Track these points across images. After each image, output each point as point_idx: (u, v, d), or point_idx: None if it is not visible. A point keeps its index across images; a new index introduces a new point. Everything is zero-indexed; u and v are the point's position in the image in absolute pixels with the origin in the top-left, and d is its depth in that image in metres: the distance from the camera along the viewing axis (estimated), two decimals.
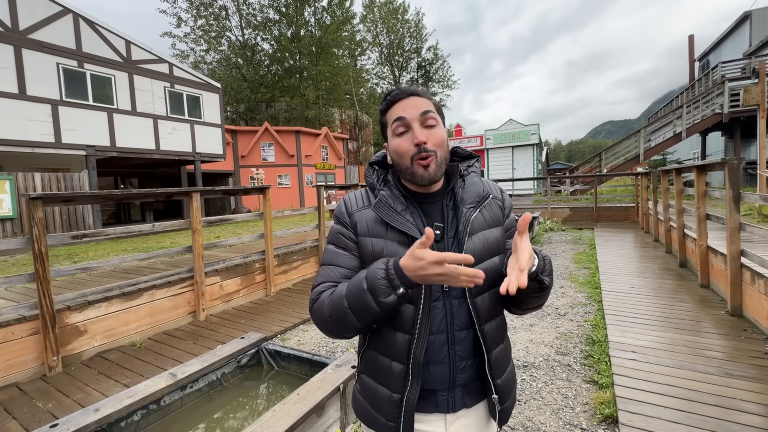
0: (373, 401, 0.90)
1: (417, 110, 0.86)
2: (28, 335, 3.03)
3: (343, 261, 0.91)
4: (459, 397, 0.87)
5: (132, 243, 8.33)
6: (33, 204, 2.98)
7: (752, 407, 2.10)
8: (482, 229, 0.89)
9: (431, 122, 0.86)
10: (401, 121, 0.86)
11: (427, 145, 0.84)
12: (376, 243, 0.88)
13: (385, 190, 0.92)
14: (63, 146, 10.10)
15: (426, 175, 0.85)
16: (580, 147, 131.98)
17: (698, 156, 18.57)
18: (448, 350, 0.85)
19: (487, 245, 0.88)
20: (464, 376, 0.87)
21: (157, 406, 1.67)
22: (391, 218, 0.86)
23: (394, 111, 0.88)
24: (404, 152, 0.86)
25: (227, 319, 4.25)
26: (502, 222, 0.94)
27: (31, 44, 9.45)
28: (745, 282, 3.38)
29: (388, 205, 0.88)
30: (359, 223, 0.91)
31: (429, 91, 0.76)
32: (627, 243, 7.40)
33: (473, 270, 0.69)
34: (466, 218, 0.87)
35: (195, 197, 4.21)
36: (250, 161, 19.43)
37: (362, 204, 0.93)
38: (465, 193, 0.91)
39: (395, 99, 0.88)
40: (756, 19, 17.73)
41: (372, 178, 0.96)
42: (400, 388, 0.85)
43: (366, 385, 0.93)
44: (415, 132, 0.84)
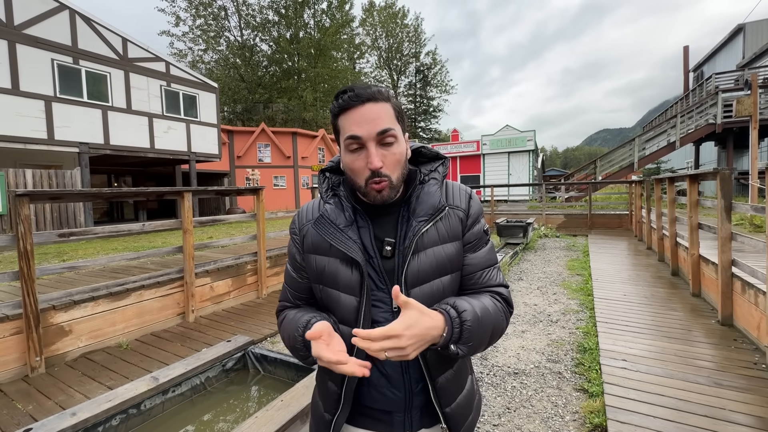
0: (314, 415, 0.90)
1: (374, 128, 0.74)
2: (10, 335, 2.96)
3: (293, 284, 0.90)
4: (417, 418, 0.83)
5: (123, 242, 8.24)
6: (19, 201, 2.92)
7: (741, 418, 2.09)
8: (433, 245, 0.80)
9: (389, 140, 0.76)
10: (355, 140, 0.75)
11: (383, 170, 0.75)
12: (319, 261, 0.83)
13: (330, 202, 0.84)
14: (56, 143, 10.00)
15: (379, 197, 0.77)
16: (576, 154, 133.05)
17: (691, 165, 18.77)
18: (402, 374, 0.80)
19: (437, 263, 0.80)
20: (420, 398, 0.82)
21: (137, 411, 1.63)
22: (330, 236, 0.80)
23: (348, 122, 0.76)
24: (358, 172, 0.77)
25: (217, 321, 4.19)
26: (461, 235, 0.84)
27: (25, 39, 9.36)
28: (736, 292, 3.39)
29: (329, 221, 0.81)
30: (306, 237, 0.86)
31: (427, 95, 0.67)
32: (620, 251, 7.43)
33: (352, 367, 0.65)
34: (414, 232, 0.78)
35: (187, 197, 4.16)
36: (246, 162, 19.36)
37: (312, 216, 0.86)
38: (419, 204, 0.82)
39: (348, 106, 0.76)
40: (749, 32, 18.02)
41: (321, 187, 0.87)
42: (332, 410, 0.83)
43: (313, 397, 0.94)
44: (370, 155, 0.74)
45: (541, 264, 6.86)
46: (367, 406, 0.83)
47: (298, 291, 0.90)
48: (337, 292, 0.81)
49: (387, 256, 0.80)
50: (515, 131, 22.27)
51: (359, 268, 0.78)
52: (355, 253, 0.77)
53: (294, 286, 0.90)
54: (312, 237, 0.85)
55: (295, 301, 0.91)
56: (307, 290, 0.89)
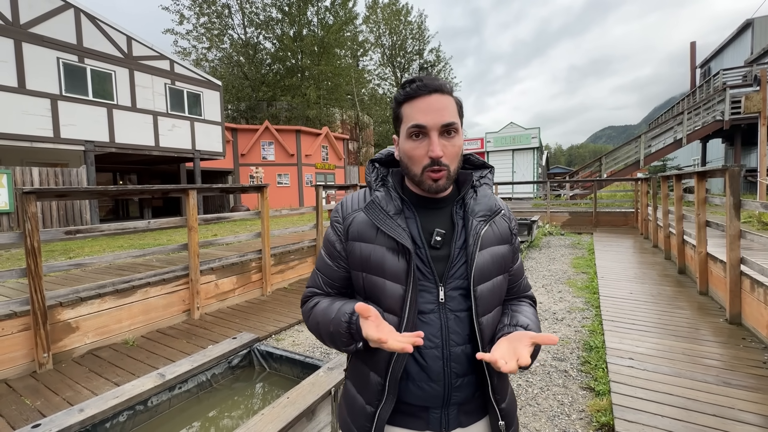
0: (350, 408, 0.89)
1: (439, 119, 0.76)
2: (18, 331, 2.99)
3: (328, 271, 0.91)
4: (453, 416, 0.82)
5: (129, 240, 8.29)
6: (26, 198, 2.94)
7: (750, 417, 2.07)
8: (491, 245, 0.84)
9: (452, 132, 0.79)
10: (419, 128, 0.77)
11: (443, 160, 0.77)
12: (365, 248, 0.83)
13: (380, 190, 0.86)
14: (62, 141, 10.06)
15: (434, 187, 0.80)
16: (581, 151, 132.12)
17: (698, 163, 18.58)
18: (443, 366, 0.79)
19: (495, 262, 0.84)
20: (460, 394, 0.81)
21: (144, 407, 1.64)
22: (380, 222, 0.81)
23: (413, 110, 0.78)
24: (417, 160, 0.79)
25: (222, 318, 4.21)
26: (510, 240, 0.90)
27: (31, 38, 9.41)
28: (745, 290, 3.35)
29: (379, 207, 0.83)
30: (352, 225, 0.87)
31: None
32: (626, 248, 7.38)
33: (402, 346, 0.65)
34: (477, 231, 0.82)
35: (192, 194, 4.18)
36: (250, 160, 19.40)
37: (358, 205, 0.88)
38: (476, 204, 0.86)
39: (415, 94, 0.78)
40: (758, 27, 17.76)
41: (371, 176, 0.90)
42: (375, 401, 0.82)
43: (348, 391, 0.92)
44: (432, 143, 0.77)
45: (545, 262, 6.82)
46: (405, 402, 0.82)
47: (332, 279, 0.91)
48: (383, 280, 0.81)
49: (435, 247, 0.82)
50: (519, 129, 22.14)
51: (407, 256, 0.78)
52: (405, 240, 0.78)
53: (328, 273, 0.91)
54: (358, 225, 0.86)
55: (326, 289, 0.91)
56: (341, 279, 0.90)
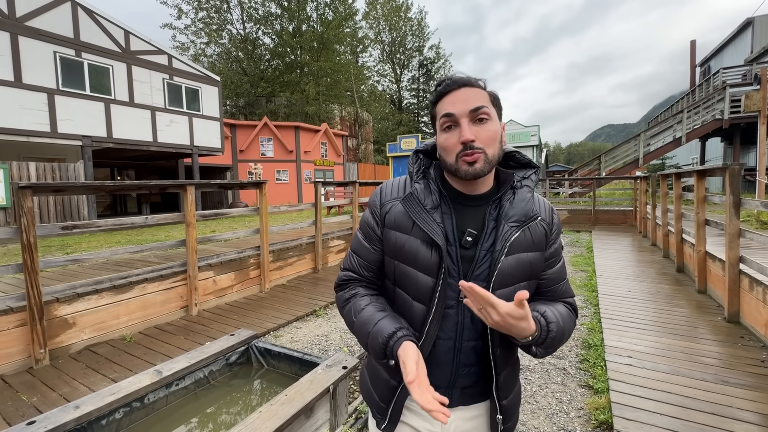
0: (373, 378, 0.95)
1: (467, 105, 0.78)
2: (14, 327, 2.97)
3: (364, 253, 0.92)
4: (457, 395, 0.88)
5: (126, 235, 8.25)
6: (22, 193, 2.91)
7: (748, 416, 2.07)
8: (521, 251, 0.83)
9: (483, 116, 0.79)
10: (449, 118, 0.79)
11: (475, 143, 0.77)
12: (399, 238, 0.85)
13: (420, 183, 0.86)
14: (59, 136, 9.99)
15: (470, 170, 0.78)
16: (580, 150, 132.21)
17: (697, 161, 18.60)
18: (453, 357, 0.85)
19: (521, 269, 0.83)
20: (465, 380, 0.87)
21: (141, 404, 1.62)
22: (416, 215, 0.82)
23: (443, 104, 0.81)
24: (450, 149, 0.80)
25: (220, 314, 4.19)
26: (544, 248, 0.87)
27: (28, 31, 9.32)
28: (743, 289, 3.35)
29: (417, 200, 0.83)
30: (389, 213, 0.88)
31: (430, 89, 0.67)
32: (624, 247, 7.39)
33: (433, 404, 0.67)
34: (506, 237, 0.80)
35: (190, 190, 4.15)
36: (249, 156, 19.33)
37: (397, 194, 0.89)
38: (512, 207, 0.84)
39: (445, 91, 0.81)
40: (758, 26, 17.74)
41: (413, 167, 0.89)
42: (398, 377, 0.86)
43: (372, 362, 0.97)
44: (462, 129, 0.78)
45: None
46: None
47: (367, 261, 0.92)
48: (415, 271, 0.83)
49: (466, 247, 0.83)
50: (519, 126, 22.13)
51: (439, 252, 0.80)
52: (438, 237, 0.79)
53: (363, 254, 0.92)
54: (396, 213, 0.87)
55: (362, 271, 0.93)
56: (376, 262, 0.91)
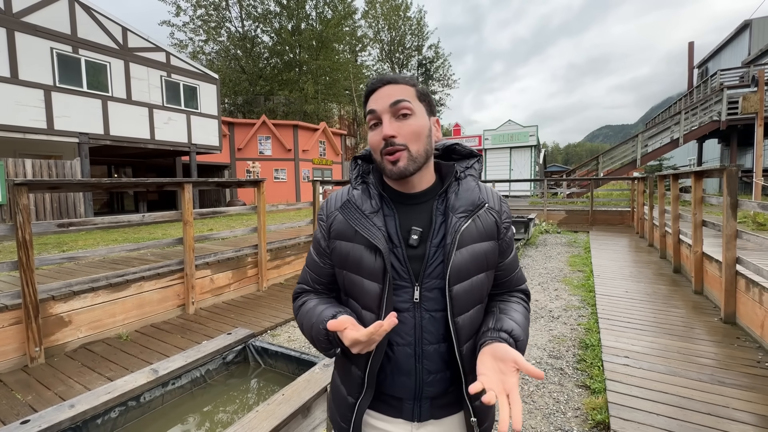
0: (335, 398, 0.92)
1: (387, 100, 0.78)
2: (9, 325, 2.95)
3: (316, 268, 0.91)
4: (426, 408, 0.83)
5: (123, 233, 8.22)
6: (18, 190, 2.89)
7: (744, 416, 2.08)
8: (473, 242, 0.81)
9: (404, 112, 0.78)
10: (372, 114, 0.79)
11: (396, 139, 0.77)
12: (344, 247, 0.83)
13: (358, 188, 0.86)
14: (55, 133, 9.92)
15: (394, 169, 0.78)
16: (578, 150, 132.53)
17: (694, 162, 18.68)
18: (414, 363, 0.80)
19: (476, 260, 0.81)
20: (432, 389, 0.82)
21: (137, 403, 1.61)
22: (355, 221, 0.81)
23: (369, 102, 0.81)
24: (375, 146, 0.80)
25: (217, 313, 4.18)
26: (497, 237, 0.86)
27: (24, 27, 9.25)
28: (740, 289, 3.37)
29: (355, 206, 0.83)
30: (333, 224, 0.86)
31: (428, 87, 0.66)
32: (622, 247, 7.41)
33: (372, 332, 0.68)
34: (455, 228, 0.79)
35: (187, 188, 4.13)
36: (247, 154, 19.27)
37: (339, 204, 0.87)
38: (458, 199, 0.83)
39: (371, 89, 0.81)
40: (756, 28, 17.81)
41: (352, 174, 0.90)
42: (356, 393, 0.84)
43: (334, 381, 0.94)
44: (384, 125, 0.77)
45: (542, 260, 6.84)
46: (382, 392, 0.84)
47: (319, 275, 0.91)
48: (361, 278, 0.81)
49: (413, 245, 0.80)
50: (517, 126, 22.14)
51: (382, 256, 0.78)
52: (378, 241, 0.78)
53: (315, 270, 0.91)
54: (338, 223, 0.85)
55: (314, 285, 0.92)
56: (327, 276, 0.90)
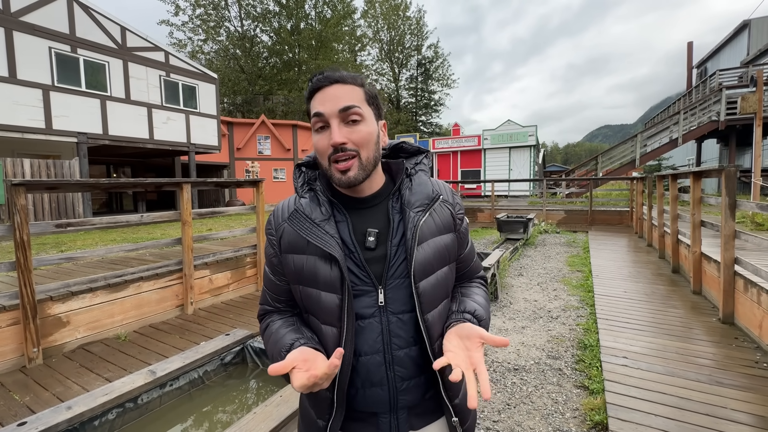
0: (304, 422, 0.86)
1: (336, 104, 0.73)
2: (7, 325, 2.94)
3: (272, 286, 0.87)
4: (404, 419, 0.79)
5: (122, 233, 8.20)
6: (16, 190, 2.88)
7: (742, 417, 2.08)
8: (433, 236, 0.79)
9: (354, 117, 0.74)
10: (319, 117, 0.74)
11: (348, 145, 0.73)
12: (297, 260, 0.79)
13: (305, 197, 0.81)
14: (54, 132, 9.91)
15: (344, 179, 0.74)
16: (577, 150, 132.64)
17: (693, 162, 18.71)
18: (385, 371, 0.76)
19: (438, 254, 0.79)
20: (408, 397, 0.78)
21: (134, 405, 1.61)
22: (305, 231, 0.76)
23: (314, 102, 0.76)
24: (322, 151, 0.76)
25: (216, 313, 4.17)
26: (454, 229, 0.85)
27: (22, 27, 9.23)
28: (738, 290, 3.37)
29: (304, 215, 0.78)
30: (283, 237, 0.81)
31: (428, 89, 0.63)
32: (621, 247, 7.42)
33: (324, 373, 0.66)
34: (414, 223, 0.76)
35: (186, 188, 4.12)
36: (246, 154, 19.26)
37: (287, 214, 0.82)
38: (412, 194, 0.80)
39: (316, 87, 0.76)
40: (755, 28, 17.84)
41: (297, 182, 0.84)
42: (326, 415, 0.79)
43: (302, 404, 0.88)
44: (333, 131, 0.73)
45: (541, 260, 6.84)
46: (354, 409, 0.80)
47: (277, 294, 0.87)
48: (318, 291, 0.77)
49: (370, 248, 0.77)
50: (517, 126, 22.15)
51: (338, 264, 0.74)
52: (332, 249, 0.74)
53: (273, 288, 0.87)
54: (288, 235, 0.80)
55: (275, 304, 0.88)
56: (285, 293, 0.86)
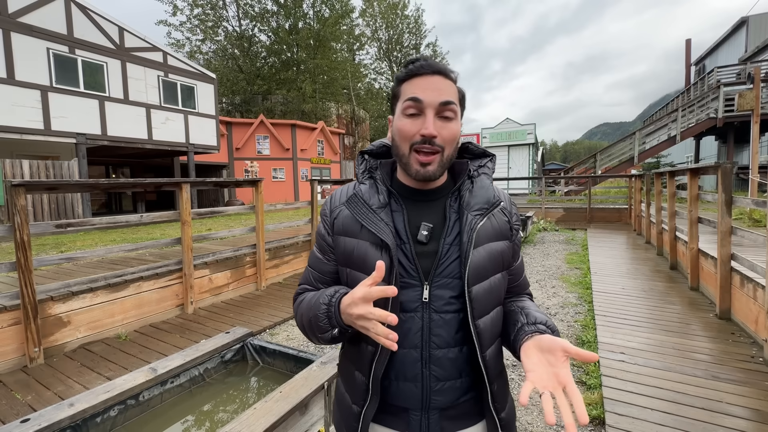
0: (340, 407, 0.87)
1: (438, 97, 0.73)
2: (8, 325, 2.95)
3: (319, 265, 0.87)
4: (435, 420, 0.77)
5: (122, 234, 8.22)
6: (15, 191, 2.90)
7: (738, 410, 2.10)
8: (488, 241, 0.78)
9: (449, 114, 0.74)
10: (415, 103, 0.73)
11: (436, 140, 0.73)
12: (348, 243, 0.79)
13: (365, 183, 0.83)
14: (52, 133, 9.91)
15: (422, 172, 0.74)
16: (576, 148, 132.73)
17: (692, 160, 18.74)
18: (420, 368, 0.75)
19: (493, 260, 0.78)
20: (441, 398, 0.77)
21: (136, 402, 1.63)
22: (361, 215, 0.77)
23: (412, 87, 0.74)
24: (407, 136, 0.74)
25: (216, 312, 4.19)
26: (510, 236, 0.84)
27: (20, 28, 9.22)
28: (735, 285, 3.40)
29: (362, 200, 0.79)
30: (337, 220, 0.83)
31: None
32: (619, 244, 7.44)
33: (385, 314, 0.62)
34: (471, 226, 0.76)
35: (185, 188, 4.13)
36: (245, 154, 19.25)
37: (345, 199, 0.84)
38: (473, 197, 0.80)
39: (417, 72, 0.75)
40: (753, 25, 17.86)
41: (359, 168, 0.87)
42: (360, 401, 0.79)
43: (338, 389, 0.90)
44: (427, 120, 0.72)
45: (540, 257, 6.86)
46: (387, 401, 0.80)
47: (322, 273, 0.87)
48: (365, 276, 0.75)
49: (422, 242, 0.77)
50: (515, 124, 22.17)
51: (389, 252, 0.74)
52: (386, 236, 0.74)
53: (318, 267, 0.87)
54: (343, 219, 0.82)
55: (317, 284, 0.88)
56: (331, 273, 0.86)
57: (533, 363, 0.66)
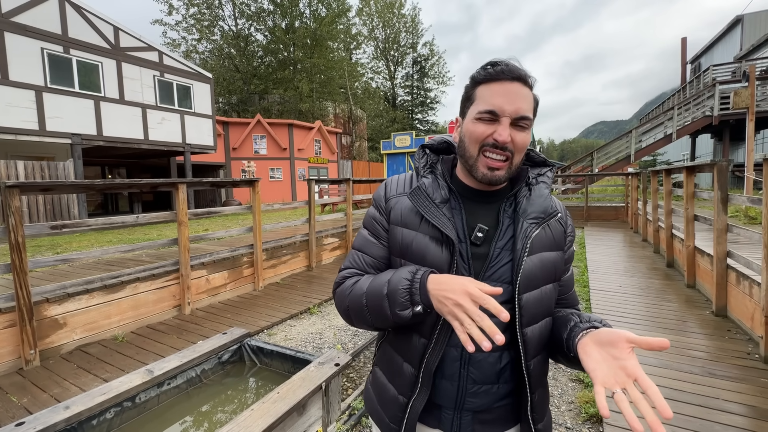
0: (380, 397, 0.87)
1: (516, 110, 0.72)
2: (3, 328, 2.93)
3: (372, 250, 0.85)
4: (467, 422, 0.78)
5: (118, 234, 8.18)
6: (10, 192, 2.87)
7: (734, 407, 2.11)
8: (542, 250, 0.78)
9: (524, 125, 0.74)
10: (491, 115, 0.72)
11: (509, 145, 0.73)
12: (407, 234, 0.79)
13: (428, 177, 0.82)
14: (47, 134, 9.84)
15: (489, 176, 0.74)
16: (573, 146, 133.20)
17: (688, 157, 18.83)
18: (459, 368, 0.76)
19: (545, 269, 0.78)
20: (476, 401, 0.76)
21: (132, 404, 1.61)
22: (425, 209, 0.77)
23: (489, 93, 0.73)
24: (478, 137, 0.74)
25: (213, 313, 4.18)
26: (563, 247, 0.83)
27: (14, 28, 9.14)
28: (731, 283, 3.41)
29: (425, 194, 0.79)
30: (394, 209, 0.83)
31: (424, 86, 0.62)
32: (616, 242, 7.47)
33: (489, 324, 0.57)
34: (526, 234, 0.75)
35: (181, 188, 4.11)
36: (242, 154, 19.19)
37: (403, 189, 0.85)
38: (530, 204, 0.79)
39: (497, 77, 0.73)
40: (747, 23, 17.95)
41: (420, 162, 0.86)
42: (408, 392, 0.79)
43: (378, 379, 0.89)
44: (501, 126, 0.72)
45: None
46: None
47: (374, 257, 0.84)
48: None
49: (476, 243, 0.77)
50: None
51: (450, 248, 0.74)
52: (450, 231, 0.74)
53: (369, 250, 0.85)
54: (402, 209, 0.82)
55: (367, 269, 0.84)
56: (383, 258, 0.84)
57: (595, 361, 0.62)
